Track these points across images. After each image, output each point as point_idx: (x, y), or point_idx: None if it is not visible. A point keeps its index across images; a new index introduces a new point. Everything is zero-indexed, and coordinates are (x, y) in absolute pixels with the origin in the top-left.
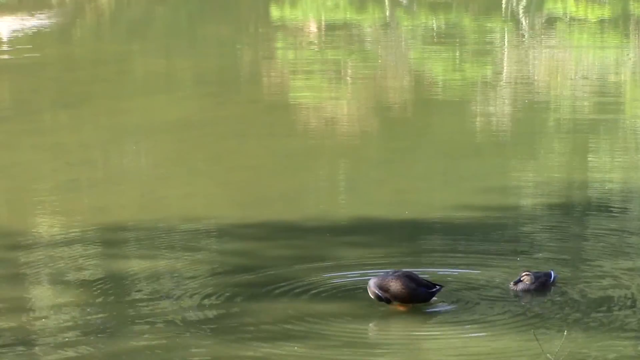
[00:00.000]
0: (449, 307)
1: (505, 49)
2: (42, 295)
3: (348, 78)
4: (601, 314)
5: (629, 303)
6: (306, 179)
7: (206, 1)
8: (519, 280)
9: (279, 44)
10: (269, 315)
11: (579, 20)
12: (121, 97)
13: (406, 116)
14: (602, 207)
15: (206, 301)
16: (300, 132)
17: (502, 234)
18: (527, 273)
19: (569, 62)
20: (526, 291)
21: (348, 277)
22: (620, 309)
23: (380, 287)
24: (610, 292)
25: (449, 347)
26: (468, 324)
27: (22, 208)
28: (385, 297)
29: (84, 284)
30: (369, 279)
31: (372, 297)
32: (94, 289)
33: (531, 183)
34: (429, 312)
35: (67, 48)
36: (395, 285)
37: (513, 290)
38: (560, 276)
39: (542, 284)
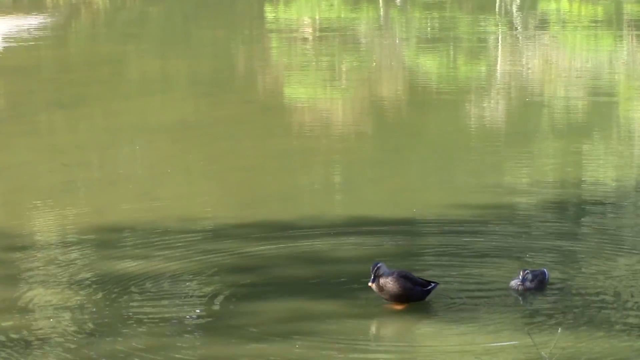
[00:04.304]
0: (445, 306)
1: (499, 48)
2: (38, 296)
3: (343, 77)
4: (595, 312)
5: (623, 301)
6: (302, 179)
7: (200, 2)
8: (523, 279)
9: (274, 44)
10: (266, 314)
11: (573, 19)
12: (117, 98)
13: (401, 115)
14: (597, 205)
15: (204, 301)
16: (295, 132)
17: (497, 232)
18: (527, 271)
19: (563, 60)
20: (526, 289)
21: (345, 276)
22: (614, 307)
23: (378, 283)
24: (604, 290)
25: (444, 345)
26: (463, 322)
27: (19, 209)
28: (374, 276)
29: (81, 284)
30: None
31: (371, 267)
32: (91, 289)
33: (526, 181)
34: (425, 310)
35: (62, 49)
36: (391, 286)
37: (515, 289)
38: (555, 274)
39: (540, 282)
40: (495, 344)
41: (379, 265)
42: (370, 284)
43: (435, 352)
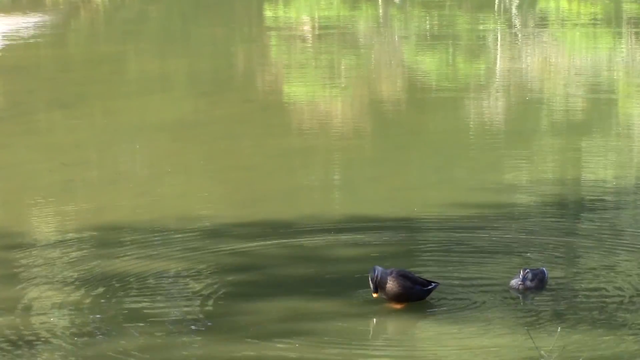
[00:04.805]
0: (444, 305)
1: (499, 46)
2: (37, 295)
3: (342, 77)
4: (595, 312)
5: (622, 300)
6: (301, 178)
7: (200, 1)
8: (523, 278)
9: (273, 43)
10: (266, 313)
11: (572, 17)
12: (116, 97)
13: (400, 114)
14: (596, 205)
15: (203, 300)
16: (294, 131)
17: (496, 231)
18: (527, 270)
19: (562, 59)
20: (527, 289)
21: (344, 275)
22: (613, 307)
23: (378, 285)
24: (603, 289)
25: (444, 345)
26: (463, 322)
27: (18, 209)
28: (375, 285)
29: (80, 284)
30: (374, 267)
31: (369, 277)
32: (90, 289)
33: (526, 179)
34: (424, 309)
35: (61, 48)
36: (390, 285)
37: (516, 288)
38: (555, 273)
39: (540, 281)
40: (495, 344)
41: (378, 275)
42: (374, 294)
43: (435, 351)
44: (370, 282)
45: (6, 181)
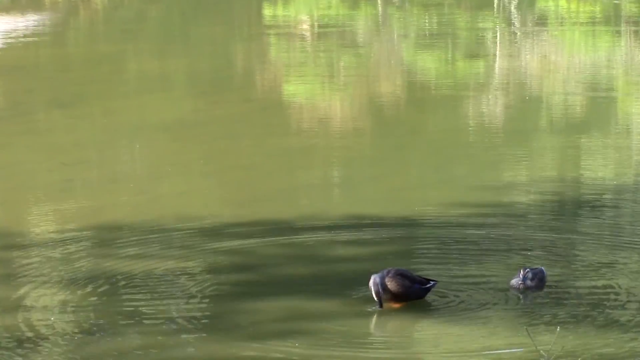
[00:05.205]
0: (443, 304)
1: (498, 45)
2: (36, 295)
3: (341, 76)
4: (594, 311)
5: (621, 299)
6: (301, 178)
7: (199, 1)
8: (523, 278)
9: (272, 43)
10: (265, 313)
11: (571, 16)
12: (115, 97)
13: (399, 114)
14: (595, 204)
15: (202, 300)
16: (294, 131)
17: (496, 230)
18: (527, 270)
19: (561, 58)
20: (527, 288)
21: (344, 275)
22: (612, 306)
23: (381, 287)
24: (602, 288)
25: (443, 344)
26: (462, 321)
27: (17, 208)
28: (380, 299)
29: (79, 283)
30: (372, 275)
31: (373, 292)
32: (89, 288)
33: (525, 178)
34: (424, 309)
35: (60, 48)
36: (390, 285)
37: (516, 287)
38: (555, 272)
39: (540, 280)
40: (495, 344)
41: (380, 289)
42: (379, 309)
43: (435, 351)
44: (375, 297)
45: (6, 181)
